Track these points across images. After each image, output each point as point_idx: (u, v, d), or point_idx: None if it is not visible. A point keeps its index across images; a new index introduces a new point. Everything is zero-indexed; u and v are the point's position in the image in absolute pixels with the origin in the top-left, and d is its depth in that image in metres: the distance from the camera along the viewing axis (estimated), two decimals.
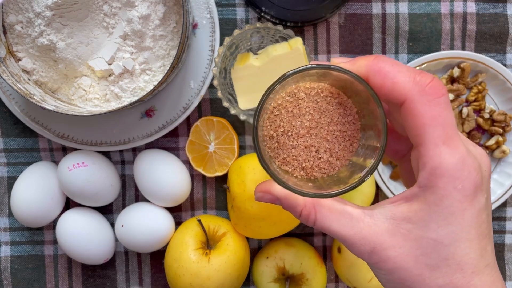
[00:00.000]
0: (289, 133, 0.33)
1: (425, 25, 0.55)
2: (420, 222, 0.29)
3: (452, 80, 0.54)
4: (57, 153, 0.55)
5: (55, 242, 0.56)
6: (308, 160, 0.33)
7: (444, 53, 0.53)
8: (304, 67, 0.30)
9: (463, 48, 0.55)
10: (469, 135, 0.55)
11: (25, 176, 0.52)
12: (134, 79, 0.49)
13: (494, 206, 0.55)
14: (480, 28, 0.55)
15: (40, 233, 0.56)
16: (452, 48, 0.55)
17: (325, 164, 0.33)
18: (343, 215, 0.31)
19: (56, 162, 0.55)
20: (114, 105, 0.50)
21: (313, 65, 0.30)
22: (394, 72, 0.29)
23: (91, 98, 0.50)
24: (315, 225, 0.32)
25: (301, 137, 0.33)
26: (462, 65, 0.53)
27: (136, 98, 0.48)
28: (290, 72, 0.30)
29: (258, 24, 0.48)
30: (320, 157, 0.33)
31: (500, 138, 0.54)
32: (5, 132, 0.55)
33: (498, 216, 0.57)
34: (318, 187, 0.32)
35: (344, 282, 0.56)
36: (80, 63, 0.50)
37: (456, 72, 0.54)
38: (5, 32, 0.49)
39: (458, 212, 0.28)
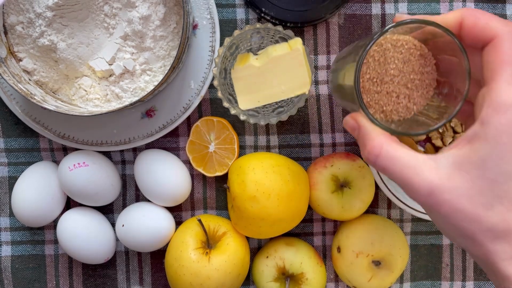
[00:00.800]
0: (374, 80, 0.37)
1: None
2: (479, 161, 0.29)
3: None
4: (58, 153, 0.55)
5: (55, 241, 0.56)
6: (388, 104, 0.37)
7: None
8: (403, 21, 0.34)
9: None
10: None
11: (25, 176, 0.53)
12: (134, 79, 0.50)
13: None
14: None
15: (41, 233, 0.56)
16: None
17: (403, 108, 0.37)
18: (408, 155, 0.32)
19: (56, 162, 0.55)
20: (114, 105, 0.50)
21: (410, 19, 0.34)
22: (488, 15, 0.32)
23: (91, 98, 0.50)
24: (378, 160, 0.33)
25: (384, 84, 0.37)
26: None
27: (136, 98, 0.48)
28: (390, 26, 0.34)
29: (258, 25, 0.48)
30: (399, 102, 0.37)
31: None
32: (6, 132, 0.55)
33: None
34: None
35: (343, 282, 0.56)
36: (80, 63, 0.50)
37: None
38: (6, 33, 0.49)
39: None
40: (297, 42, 0.47)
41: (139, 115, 0.53)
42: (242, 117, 0.49)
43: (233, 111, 0.49)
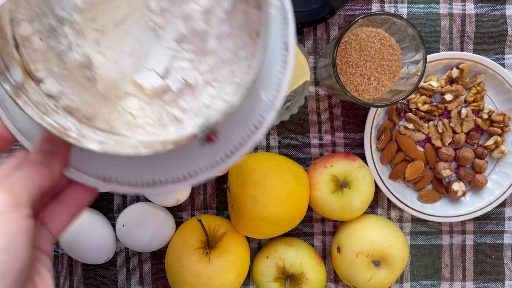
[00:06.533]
0: (350, 63, 0.46)
1: (424, 26, 0.55)
2: None
3: (451, 80, 0.55)
4: None
5: (56, 241, 0.56)
6: (361, 84, 0.46)
7: (443, 54, 0.53)
8: (373, 12, 0.45)
9: (462, 49, 0.56)
10: (468, 135, 0.55)
11: None
12: (196, 94, 0.38)
13: (492, 206, 0.55)
14: (478, 29, 0.55)
15: None
16: (451, 49, 0.56)
17: (373, 89, 0.46)
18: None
19: None
20: (174, 131, 0.38)
21: (380, 11, 0.45)
22: None
23: (141, 124, 0.39)
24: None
25: (358, 67, 0.46)
26: (461, 66, 0.53)
27: (202, 120, 0.37)
28: (360, 16, 0.44)
29: None
30: (370, 83, 0.46)
31: (499, 139, 0.55)
32: None
33: (497, 216, 0.58)
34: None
35: (343, 282, 0.57)
36: (123, 79, 0.39)
37: (455, 72, 0.54)
38: (17, 47, 0.37)
39: None
40: None
41: (197, 141, 0.40)
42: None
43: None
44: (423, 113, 0.54)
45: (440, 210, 0.55)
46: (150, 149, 0.35)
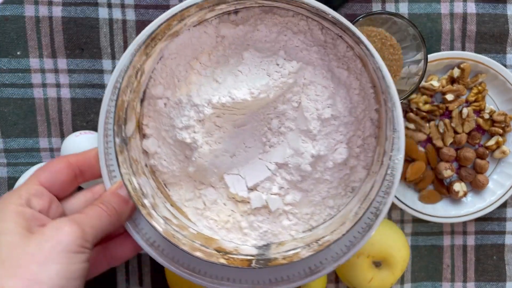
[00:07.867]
0: None
1: (425, 26, 0.55)
2: None
3: (452, 80, 0.54)
4: (58, 153, 0.55)
5: None
6: None
7: (444, 54, 0.53)
8: (374, 11, 0.45)
9: (463, 49, 0.55)
10: (469, 135, 0.55)
11: (26, 177, 0.52)
12: (271, 219, 0.40)
13: (494, 207, 0.55)
14: (480, 28, 0.55)
15: None
16: (452, 48, 0.55)
17: None
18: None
19: None
20: (232, 237, 0.40)
21: (380, 10, 0.47)
22: None
23: (207, 216, 0.40)
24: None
25: None
26: (462, 66, 0.53)
27: (263, 242, 0.39)
28: (361, 16, 0.45)
29: None
30: None
31: (500, 139, 0.55)
32: (5, 132, 0.55)
33: (498, 216, 0.57)
34: None
35: (344, 283, 0.56)
36: (214, 173, 0.40)
37: (456, 72, 0.54)
38: (142, 100, 0.39)
39: None
40: None
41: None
42: None
43: None
44: (424, 113, 0.54)
45: (441, 211, 0.55)
46: (206, 257, 0.35)
